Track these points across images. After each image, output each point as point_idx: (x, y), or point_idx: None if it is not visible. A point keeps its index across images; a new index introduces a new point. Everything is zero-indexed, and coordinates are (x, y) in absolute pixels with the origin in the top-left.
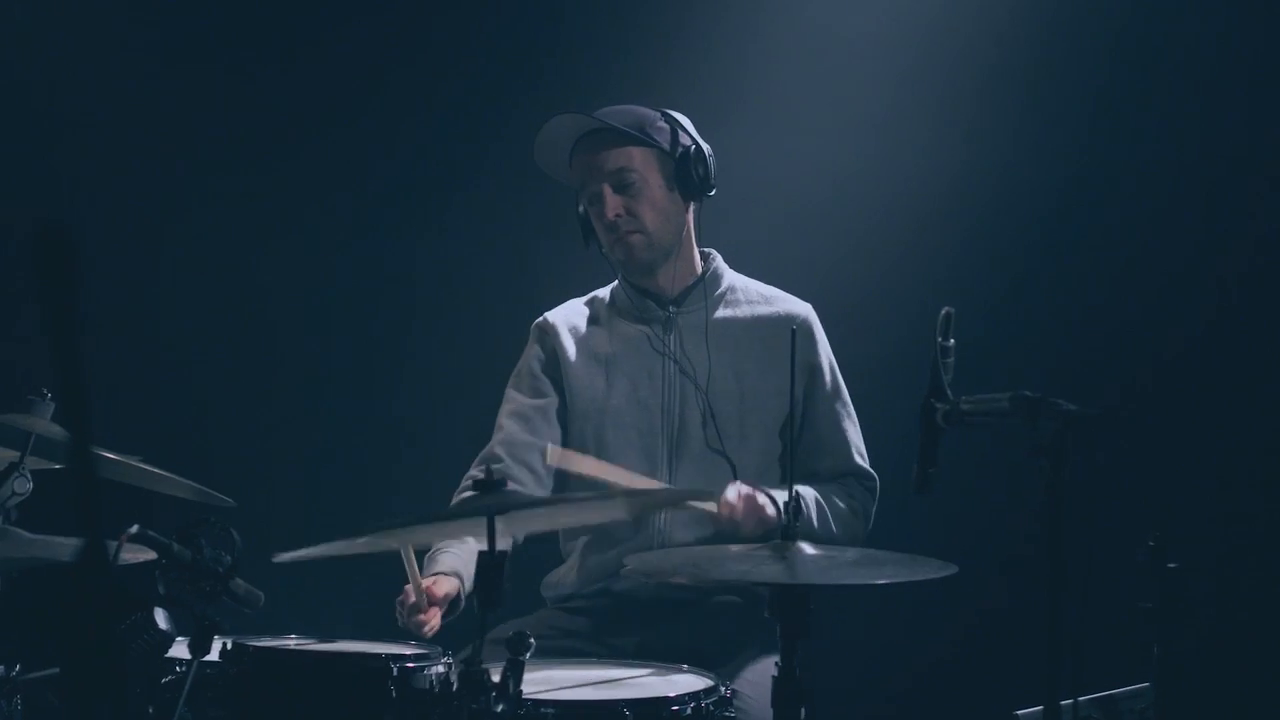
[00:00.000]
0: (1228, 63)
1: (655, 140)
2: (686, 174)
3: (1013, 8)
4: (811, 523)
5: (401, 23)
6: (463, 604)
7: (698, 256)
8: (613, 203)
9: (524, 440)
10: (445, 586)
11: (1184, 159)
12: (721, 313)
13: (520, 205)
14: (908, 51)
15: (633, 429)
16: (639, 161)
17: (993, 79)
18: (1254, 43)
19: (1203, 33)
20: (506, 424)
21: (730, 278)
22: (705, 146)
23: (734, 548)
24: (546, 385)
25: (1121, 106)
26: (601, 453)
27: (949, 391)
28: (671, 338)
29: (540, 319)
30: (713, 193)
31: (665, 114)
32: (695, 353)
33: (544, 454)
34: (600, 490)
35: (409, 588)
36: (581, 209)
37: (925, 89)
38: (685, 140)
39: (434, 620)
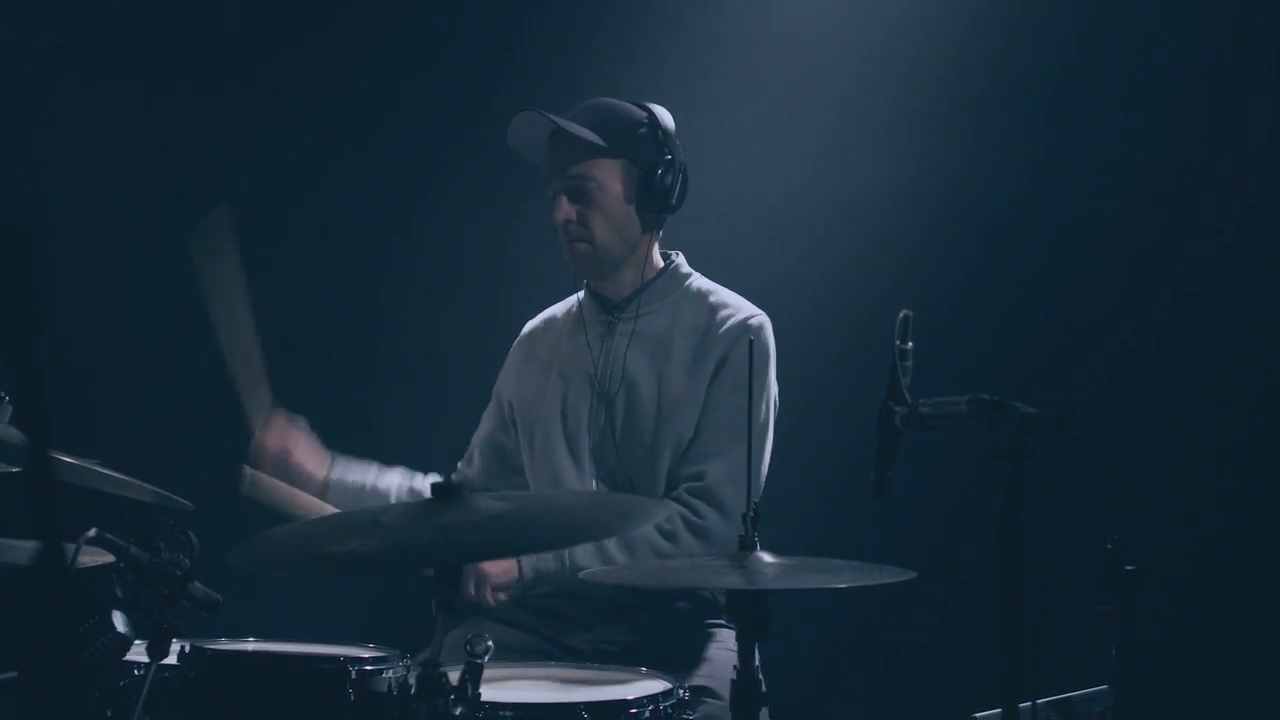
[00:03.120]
0: (1185, 65)
1: (623, 151)
2: (650, 191)
3: (969, 12)
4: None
5: (375, 19)
6: (322, 480)
7: (657, 260)
8: (565, 209)
9: (478, 479)
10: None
11: (1141, 162)
12: (659, 320)
13: (507, 201)
14: (865, 54)
15: (560, 435)
16: (599, 171)
17: (950, 82)
18: (1213, 44)
19: (1160, 34)
20: (476, 455)
21: (689, 282)
22: (683, 160)
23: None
24: (506, 410)
25: (1079, 109)
26: (534, 456)
27: (907, 395)
28: (609, 344)
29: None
30: (675, 211)
31: (652, 116)
32: (624, 360)
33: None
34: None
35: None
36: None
37: (882, 92)
38: (662, 154)
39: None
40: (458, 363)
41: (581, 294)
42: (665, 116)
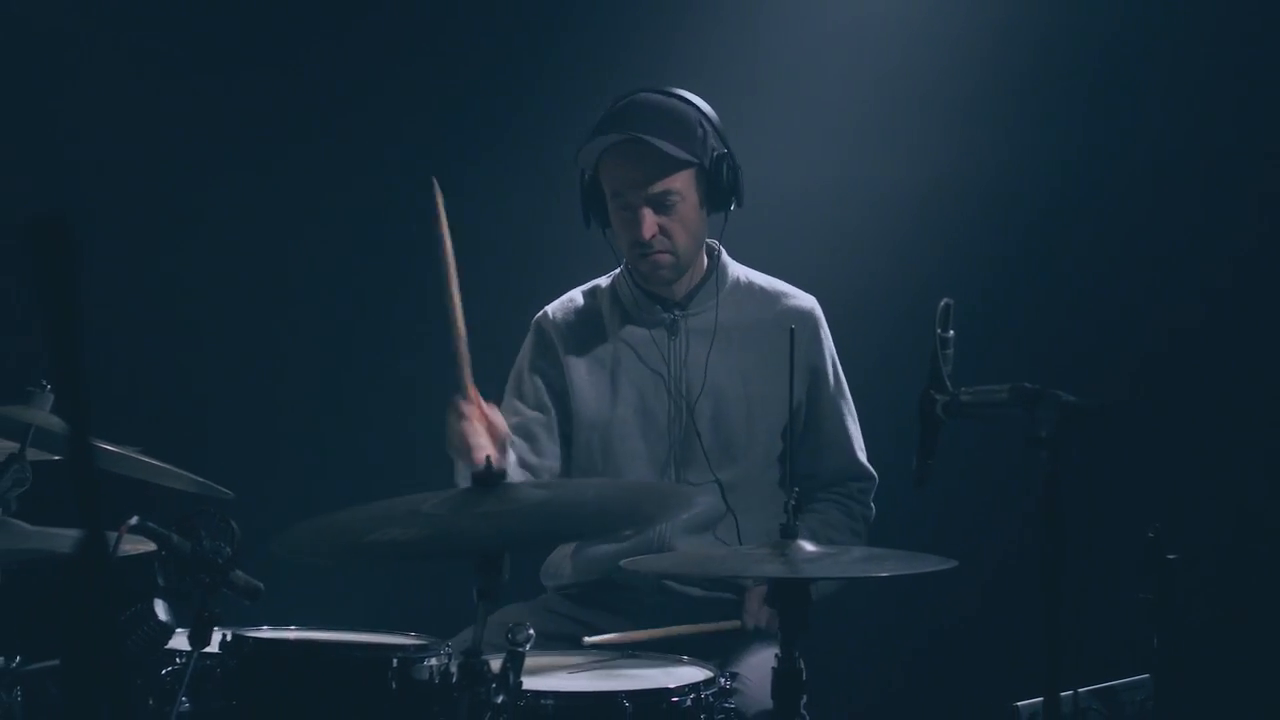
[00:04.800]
0: (1222, 54)
1: (693, 156)
2: (718, 191)
3: (1007, 2)
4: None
5: (408, 8)
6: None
7: (704, 254)
8: (650, 223)
9: (532, 463)
10: (491, 409)
11: (1182, 148)
12: (727, 314)
13: (518, 190)
14: (904, 44)
15: (639, 440)
16: (680, 183)
17: (988, 72)
18: (1249, 33)
19: (1197, 23)
20: (514, 442)
21: (735, 273)
22: (731, 150)
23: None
24: (546, 396)
25: (1117, 98)
26: (608, 464)
27: (948, 383)
28: (677, 342)
29: (540, 315)
30: (741, 205)
31: (700, 111)
32: (701, 358)
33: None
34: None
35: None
36: (586, 175)
37: (920, 82)
38: (721, 150)
39: (481, 435)
40: (488, 354)
41: (609, 284)
42: (709, 108)
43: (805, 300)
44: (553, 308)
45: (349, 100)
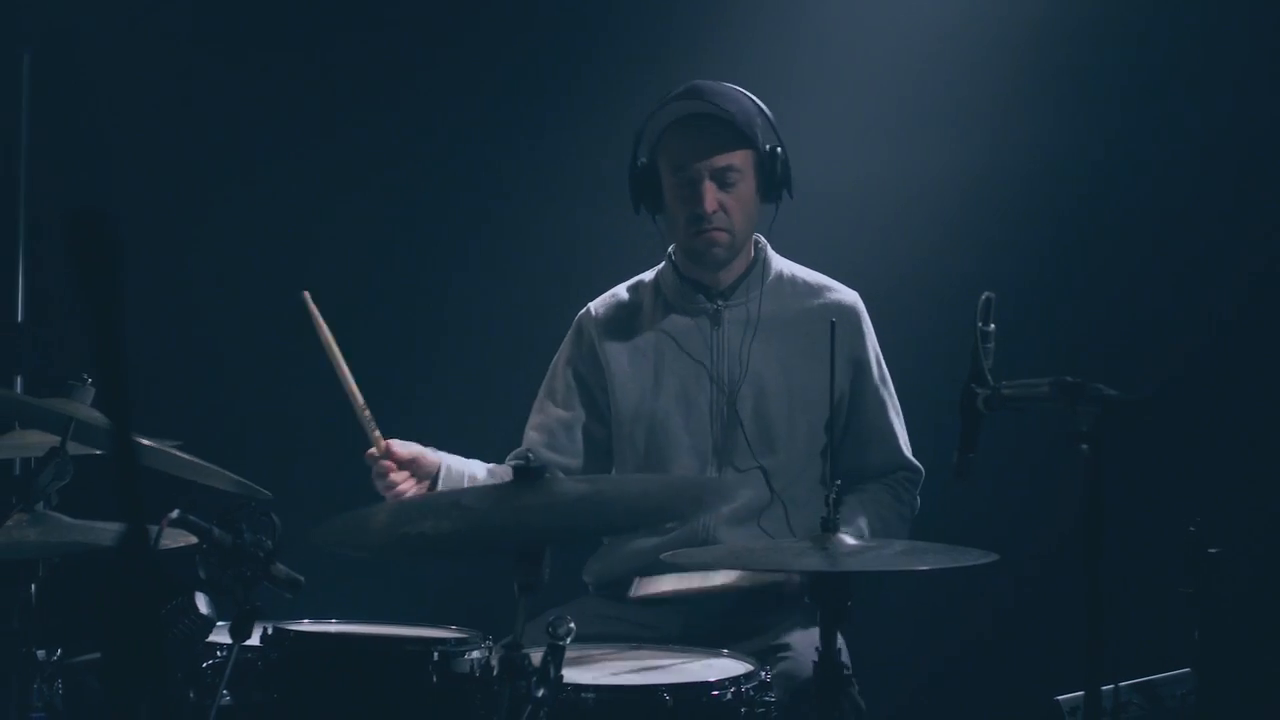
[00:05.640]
0: (1262, 46)
1: (755, 141)
2: (773, 179)
3: None
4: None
5: (455, 3)
6: (438, 482)
7: (750, 246)
8: (713, 197)
9: (546, 458)
10: (410, 449)
11: (1222, 140)
12: (769, 306)
13: (565, 183)
14: (943, 38)
15: (682, 431)
16: (743, 161)
17: (1030, 65)
18: None
19: (1236, 13)
20: (531, 436)
21: (778, 266)
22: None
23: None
24: (576, 397)
25: (1160, 88)
26: (651, 454)
27: (989, 377)
28: (719, 333)
29: (583, 312)
30: (792, 197)
31: (757, 104)
32: (744, 349)
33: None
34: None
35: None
36: (641, 161)
37: (960, 76)
38: (776, 141)
39: (401, 482)
40: (527, 349)
41: (653, 277)
42: (763, 103)
43: (847, 295)
44: (595, 304)
45: (389, 95)
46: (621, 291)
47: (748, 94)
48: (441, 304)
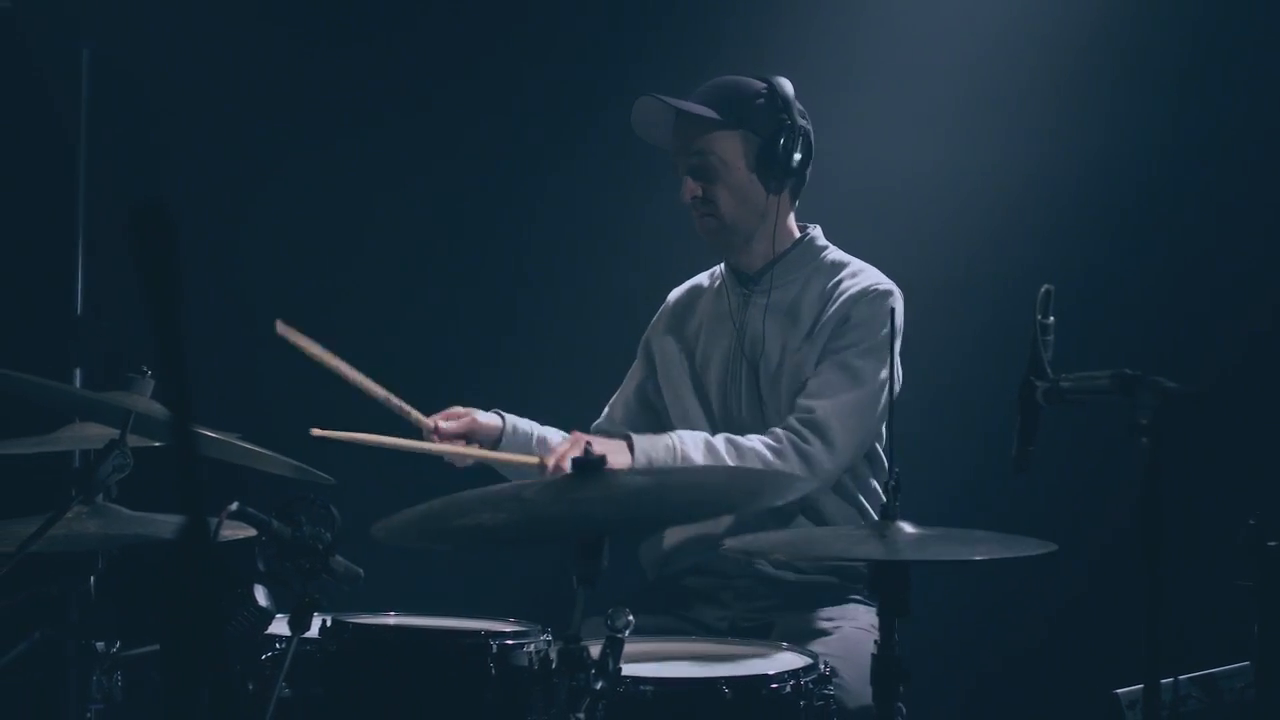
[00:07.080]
0: None
1: (740, 121)
2: (772, 159)
3: None
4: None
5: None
6: (500, 443)
7: (792, 232)
8: (690, 186)
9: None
10: (460, 423)
11: (1275, 134)
12: (791, 292)
13: (641, 177)
14: (1000, 34)
15: (698, 407)
16: (719, 145)
17: (1086, 60)
18: None
19: None
20: (619, 408)
21: (822, 255)
22: (804, 126)
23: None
24: (640, 369)
25: (1216, 81)
26: (667, 426)
27: (1049, 369)
28: (742, 316)
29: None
30: (802, 176)
31: (770, 86)
32: (759, 332)
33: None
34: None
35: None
36: None
37: (1018, 71)
38: (781, 122)
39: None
40: (596, 336)
41: (722, 265)
42: (784, 85)
43: (878, 281)
44: (675, 290)
45: (447, 85)
46: (700, 278)
47: (767, 78)
48: (499, 295)
